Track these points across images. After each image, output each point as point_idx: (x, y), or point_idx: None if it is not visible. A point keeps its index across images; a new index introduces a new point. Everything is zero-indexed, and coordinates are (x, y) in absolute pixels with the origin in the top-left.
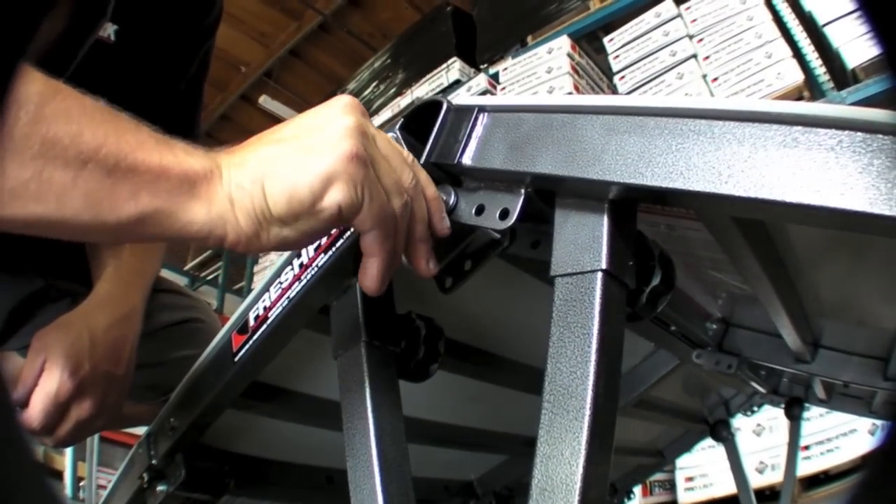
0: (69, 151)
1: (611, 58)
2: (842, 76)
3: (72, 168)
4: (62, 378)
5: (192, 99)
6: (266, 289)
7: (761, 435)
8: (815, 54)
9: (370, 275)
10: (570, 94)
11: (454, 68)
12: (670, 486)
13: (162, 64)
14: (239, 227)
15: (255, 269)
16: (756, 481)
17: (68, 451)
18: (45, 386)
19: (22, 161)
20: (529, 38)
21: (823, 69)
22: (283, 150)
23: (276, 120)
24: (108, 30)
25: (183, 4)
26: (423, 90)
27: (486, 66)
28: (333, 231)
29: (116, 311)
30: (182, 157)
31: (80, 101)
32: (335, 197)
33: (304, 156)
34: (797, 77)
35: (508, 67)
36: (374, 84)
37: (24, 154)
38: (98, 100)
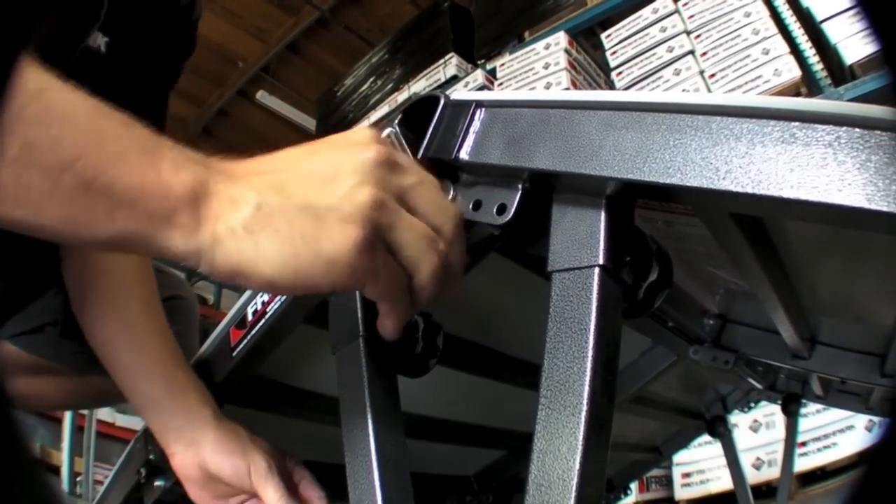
0: (46, 158)
1: (608, 53)
2: (839, 72)
3: (49, 177)
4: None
5: (161, 109)
6: None
7: (758, 431)
8: (813, 50)
9: (385, 326)
10: (567, 89)
11: (451, 64)
12: (667, 482)
13: (149, 77)
14: (215, 267)
15: None
16: (753, 477)
17: (65, 446)
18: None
19: (3, 162)
20: (527, 34)
21: (821, 65)
22: (288, 210)
23: (273, 115)
24: (99, 40)
25: (170, 19)
26: (420, 86)
27: (483, 61)
28: None
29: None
30: (167, 174)
31: (67, 100)
32: (332, 281)
33: (313, 227)
34: (795, 73)
35: (506, 63)
36: (371, 79)
37: (6, 155)
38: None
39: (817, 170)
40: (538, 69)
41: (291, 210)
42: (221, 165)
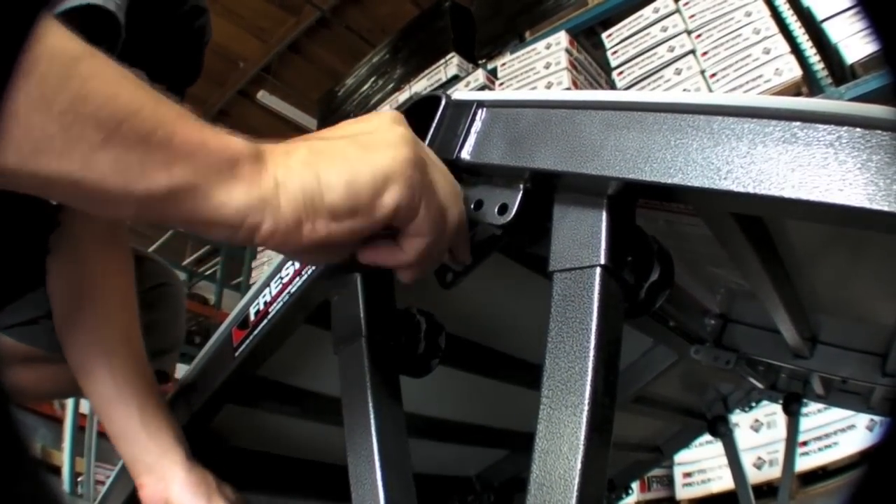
0: (103, 111)
1: (609, 53)
2: (840, 72)
3: (104, 128)
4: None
5: None
6: (266, 284)
7: (759, 431)
8: (814, 50)
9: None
10: (568, 89)
11: (452, 63)
12: (668, 481)
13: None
14: (280, 215)
15: (254, 264)
16: (754, 477)
17: (66, 447)
18: None
19: (49, 114)
20: (528, 34)
21: (822, 65)
22: (336, 144)
23: (274, 115)
24: None
25: (183, 42)
26: (421, 85)
27: (484, 61)
28: None
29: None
30: (224, 136)
31: (118, 66)
32: (394, 196)
33: (362, 151)
34: (795, 73)
35: (507, 63)
36: (372, 79)
37: (52, 108)
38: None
39: (818, 169)
40: (539, 69)
41: (341, 144)
42: (263, 142)
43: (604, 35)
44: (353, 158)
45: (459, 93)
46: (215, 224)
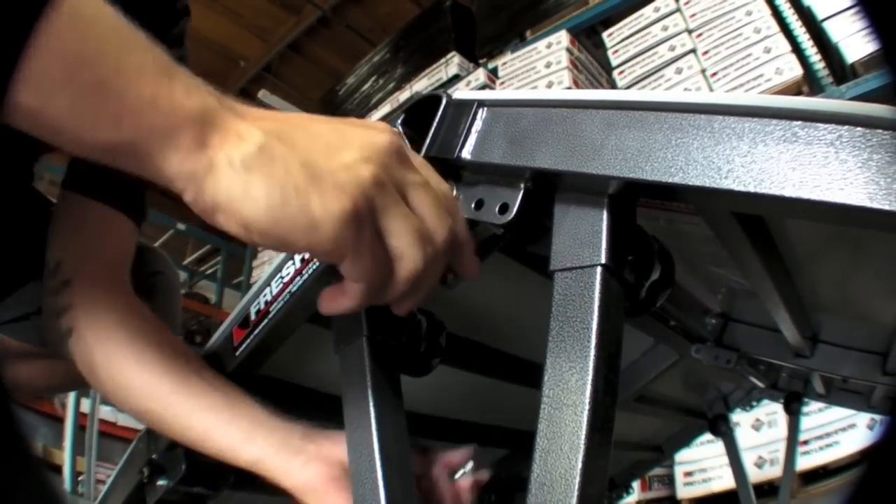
0: (69, 49)
1: (610, 52)
2: (841, 71)
3: (66, 67)
4: None
5: None
6: (267, 283)
7: (760, 430)
8: (815, 49)
9: (340, 302)
10: (569, 88)
11: (453, 63)
12: (669, 480)
13: None
14: (199, 195)
15: (254, 263)
16: (755, 476)
17: (67, 446)
18: None
19: (31, 48)
20: (528, 33)
21: (822, 64)
22: (291, 156)
23: None
24: None
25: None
26: (422, 85)
27: (485, 60)
28: None
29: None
30: (179, 95)
31: (99, 5)
32: (313, 242)
33: (308, 182)
34: (796, 72)
35: (507, 62)
36: (373, 79)
37: (35, 42)
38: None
39: (819, 168)
40: (540, 68)
41: (292, 161)
42: (233, 103)
43: (604, 34)
44: (292, 189)
45: (460, 92)
46: (157, 180)
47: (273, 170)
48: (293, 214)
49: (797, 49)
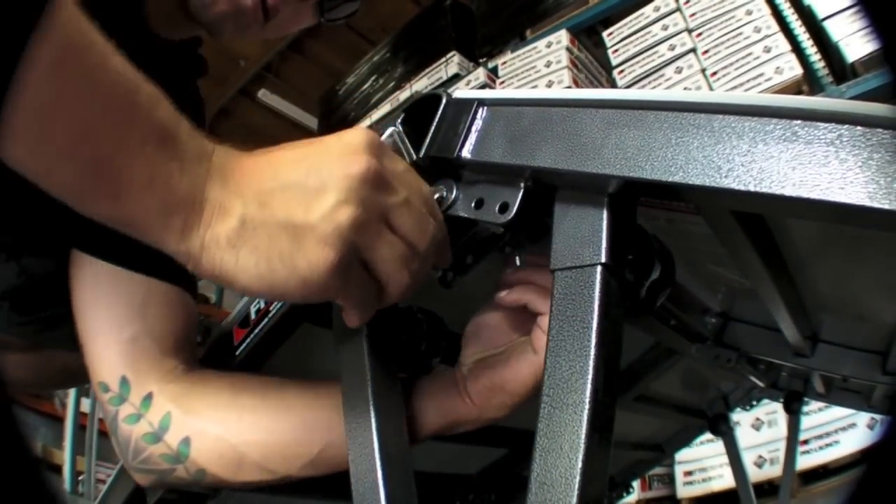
0: (74, 118)
1: (610, 52)
2: (841, 70)
3: (71, 140)
4: None
5: None
6: None
7: (760, 429)
8: (815, 48)
9: (351, 320)
10: (569, 87)
11: (453, 62)
12: (669, 480)
13: None
14: (200, 269)
15: None
16: (755, 475)
17: (67, 445)
18: None
19: (30, 105)
20: (528, 32)
21: (823, 63)
22: (271, 224)
23: (275, 114)
24: None
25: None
26: (422, 84)
27: (485, 59)
28: None
29: None
30: (174, 174)
31: (101, 63)
32: (307, 295)
33: (292, 242)
34: (796, 71)
35: (507, 61)
36: (373, 78)
37: (36, 99)
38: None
39: (819, 168)
40: (540, 67)
41: (273, 226)
42: (223, 161)
43: (604, 33)
44: (277, 256)
45: (460, 91)
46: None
47: (257, 242)
48: (284, 278)
49: (797, 48)
